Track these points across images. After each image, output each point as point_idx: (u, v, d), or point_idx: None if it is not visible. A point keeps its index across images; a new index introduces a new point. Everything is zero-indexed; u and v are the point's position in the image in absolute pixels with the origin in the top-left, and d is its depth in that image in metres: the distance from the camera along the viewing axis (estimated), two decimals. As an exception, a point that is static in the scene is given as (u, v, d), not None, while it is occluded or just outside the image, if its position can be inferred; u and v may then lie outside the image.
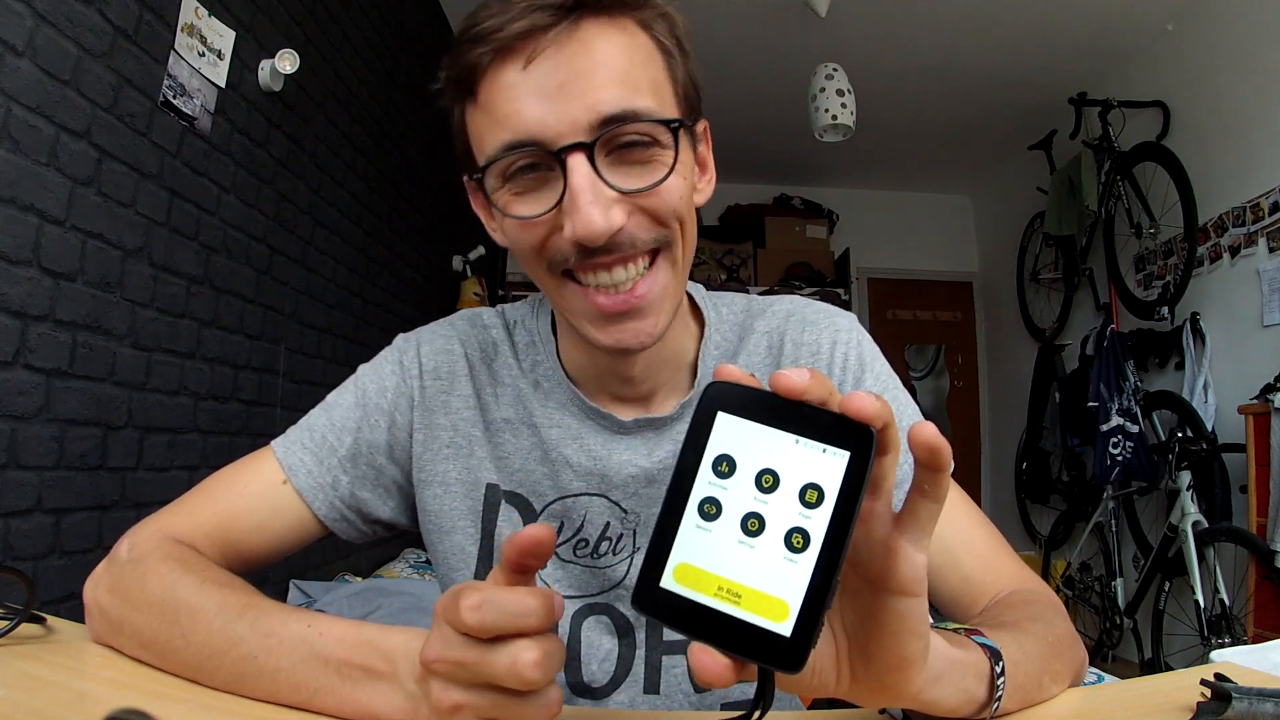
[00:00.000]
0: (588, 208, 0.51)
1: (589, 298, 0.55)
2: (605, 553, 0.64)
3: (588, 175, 0.51)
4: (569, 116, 0.51)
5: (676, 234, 0.56)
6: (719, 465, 0.32)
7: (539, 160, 0.53)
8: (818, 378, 0.31)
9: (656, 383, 0.65)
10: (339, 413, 0.67)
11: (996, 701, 0.42)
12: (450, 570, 0.66)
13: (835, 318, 0.70)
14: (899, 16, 3.23)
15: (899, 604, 0.34)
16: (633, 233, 0.54)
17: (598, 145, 0.51)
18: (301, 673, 0.44)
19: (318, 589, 2.16)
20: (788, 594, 0.30)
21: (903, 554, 0.33)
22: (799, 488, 0.30)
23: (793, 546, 0.30)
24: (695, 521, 0.32)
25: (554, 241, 0.54)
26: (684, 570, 0.31)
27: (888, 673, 0.35)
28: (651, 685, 0.63)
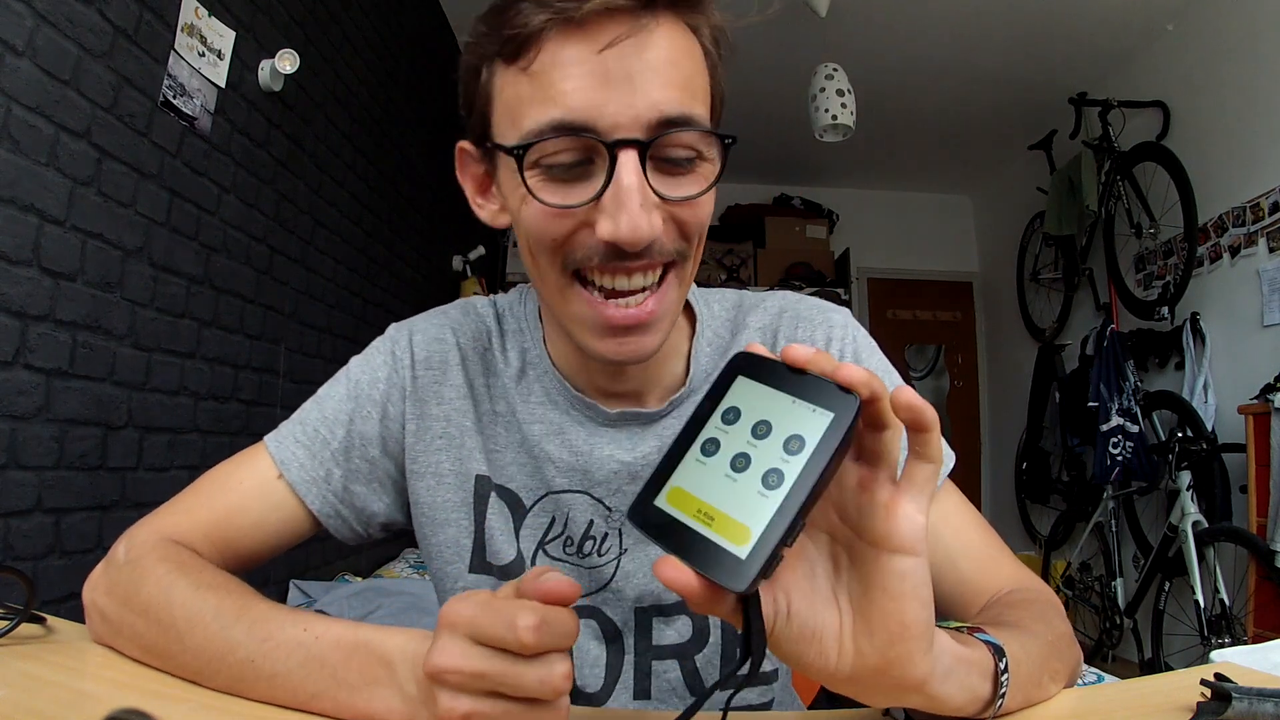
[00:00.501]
0: (636, 209, 0.49)
1: (597, 308, 0.53)
2: (590, 552, 0.63)
3: (638, 174, 0.49)
4: (631, 110, 0.49)
5: (693, 249, 0.56)
6: (727, 414, 0.37)
7: (584, 154, 0.51)
8: (822, 354, 0.35)
9: (646, 379, 0.64)
10: (331, 405, 0.66)
11: (1000, 699, 0.41)
12: (444, 564, 0.65)
13: (829, 313, 0.69)
14: (899, 16, 3.23)
15: (900, 563, 0.35)
16: (661, 241, 0.52)
17: (652, 146, 0.50)
18: (299, 677, 0.44)
19: (318, 589, 2.16)
20: (753, 521, 0.33)
21: (902, 511, 0.35)
22: (785, 436, 0.34)
23: (768, 484, 0.34)
24: (696, 455, 0.37)
25: (580, 237, 0.52)
26: (675, 493, 0.36)
27: (890, 644, 0.35)
28: (642, 691, 0.63)
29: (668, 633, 0.63)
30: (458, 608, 0.39)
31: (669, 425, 0.63)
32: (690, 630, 0.63)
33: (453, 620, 0.38)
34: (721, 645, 0.63)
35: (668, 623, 0.63)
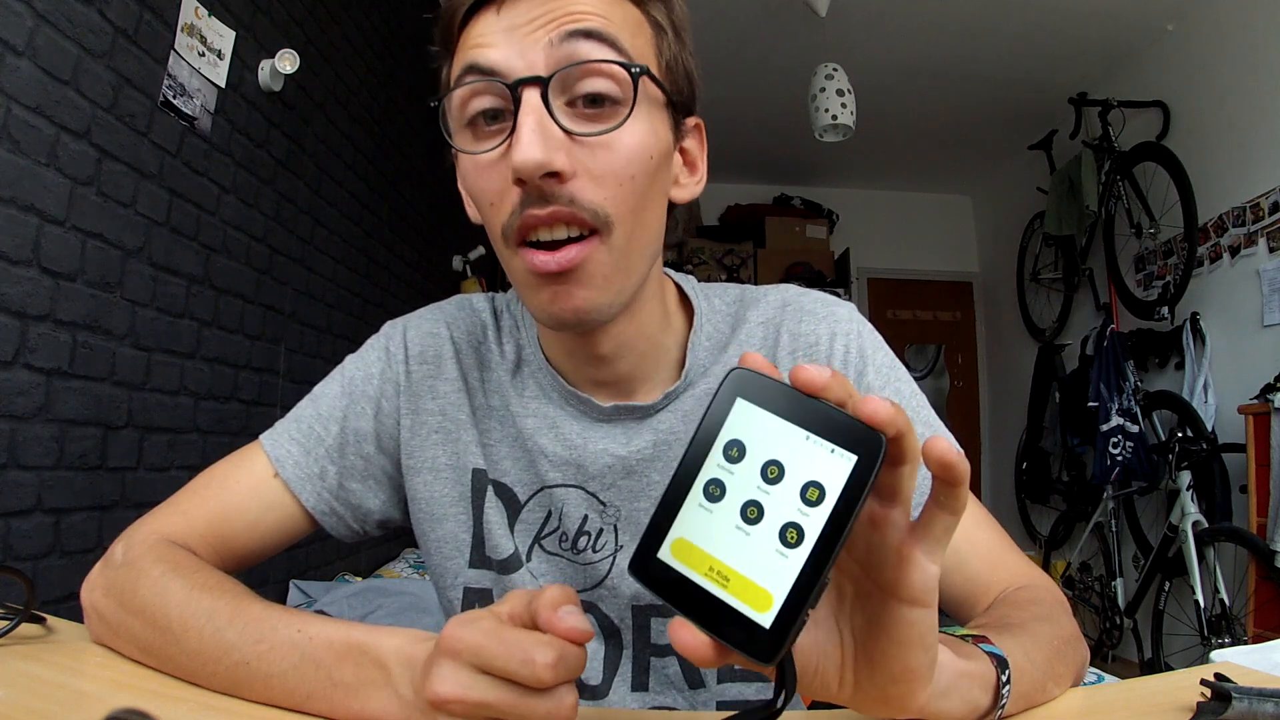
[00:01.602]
0: (529, 135, 0.48)
1: (526, 257, 0.52)
2: (585, 548, 0.63)
3: (537, 107, 0.49)
4: (532, 48, 0.50)
5: (621, 213, 0.52)
6: (730, 450, 0.32)
7: (501, 104, 0.51)
8: (839, 378, 0.32)
9: (637, 371, 0.63)
10: (325, 402, 0.66)
11: (1000, 709, 0.41)
12: (443, 559, 0.65)
13: (834, 307, 0.67)
14: (899, 16, 3.23)
15: (908, 613, 0.33)
16: (573, 192, 0.50)
17: (555, 80, 0.50)
18: (294, 679, 0.44)
19: (318, 589, 2.16)
20: (774, 586, 0.30)
21: (915, 563, 0.33)
22: (801, 484, 0.31)
23: (786, 541, 0.30)
24: (699, 500, 0.33)
25: (505, 191, 0.52)
26: (680, 545, 0.32)
27: (891, 683, 0.35)
28: (640, 684, 0.63)
29: (667, 632, 0.63)
30: (460, 634, 0.37)
31: (664, 420, 0.63)
32: None
33: (456, 648, 0.37)
34: None
35: (667, 623, 0.63)
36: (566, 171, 0.50)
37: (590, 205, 0.51)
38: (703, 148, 0.63)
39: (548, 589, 0.38)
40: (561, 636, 0.36)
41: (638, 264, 0.56)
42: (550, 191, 0.50)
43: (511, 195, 0.51)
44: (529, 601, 0.38)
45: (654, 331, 0.62)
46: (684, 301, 0.67)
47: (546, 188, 0.50)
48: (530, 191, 0.50)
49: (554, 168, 0.49)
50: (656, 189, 0.56)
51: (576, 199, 0.50)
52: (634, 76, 0.51)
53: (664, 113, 0.55)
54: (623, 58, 0.51)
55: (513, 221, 0.51)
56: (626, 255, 0.54)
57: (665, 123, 0.56)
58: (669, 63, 0.56)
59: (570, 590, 0.39)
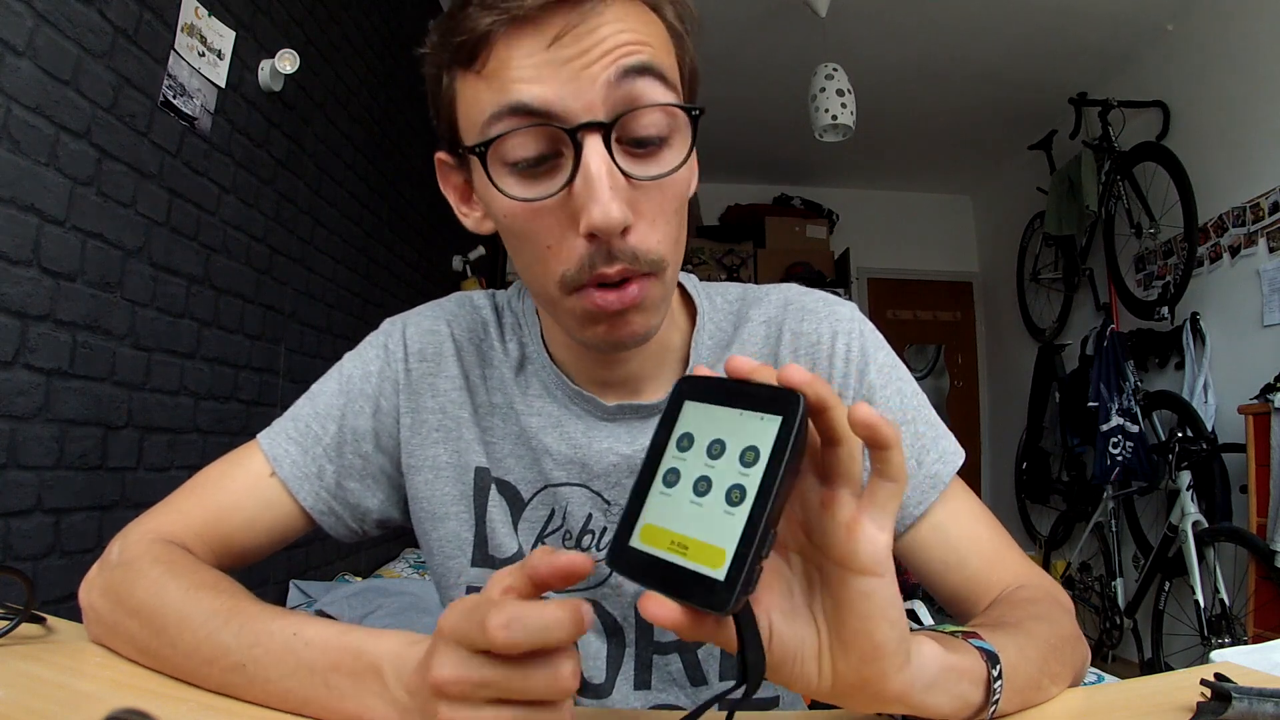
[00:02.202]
0: (607, 195, 0.47)
1: (592, 298, 0.52)
2: (589, 546, 0.62)
3: (604, 158, 0.48)
4: (586, 86, 0.48)
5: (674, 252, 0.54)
6: (681, 441, 0.36)
7: (549, 146, 0.49)
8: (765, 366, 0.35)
9: (643, 372, 0.63)
10: (323, 400, 0.65)
11: (993, 706, 0.41)
12: (445, 559, 0.65)
13: (835, 307, 0.67)
14: (899, 16, 3.23)
15: (863, 584, 0.35)
16: (634, 245, 0.50)
17: (615, 126, 0.48)
18: (290, 683, 0.44)
19: (318, 589, 2.16)
20: (724, 541, 0.33)
21: (863, 532, 0.34)
22: (739, 450, 0.34)
23: (731, 500, 0.33)
24: (660, 489, 0.36)
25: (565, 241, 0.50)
26: (648, 530, 0.36)
27: (864, 663, 0.35)
28: (643, 682, 0.63)
29: (670, 631, 0.63)
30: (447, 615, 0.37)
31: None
32: None
33: (444, 629, 0.37)
34: None
35: None
36: (632, 224, 0.50)
37: (649, 255, 0.51)
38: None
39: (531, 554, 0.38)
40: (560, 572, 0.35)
41: (676, 281, 0.58)
42: (618, 249, 0.50)
43: (575, 246, 0.50)
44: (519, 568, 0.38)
45: (662, 335, 0.62)
46: (686, 300, 0.67)
47: (615, 243, 0.50)
48: (599, 246, 0.50)
49: (627, 224, 0.49)
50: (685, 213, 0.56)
51: (639, 253, 0.51)
52: (694, 120, 0.52)
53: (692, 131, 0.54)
54: (671, 90, 0.51)
55: (580, 276, 0.51)
56: (673, 282, 0.57)
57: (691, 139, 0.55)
58: (688, 68, 0.56)
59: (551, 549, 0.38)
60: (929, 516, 0.62)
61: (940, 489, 0.62)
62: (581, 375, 0.63)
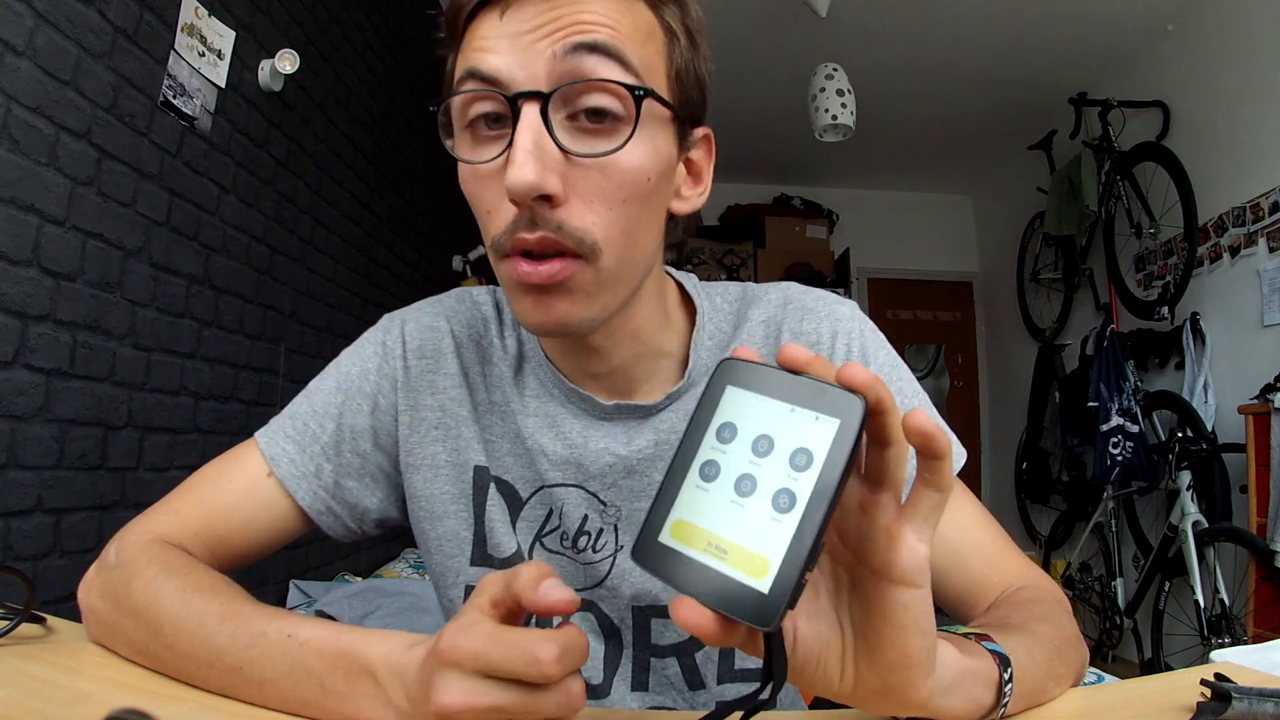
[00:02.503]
0: (523, 156, 0.47)
1: (513, 265, 0.51)
2: (585, 547, 0.62)
3: (535, 125, 0.48)
4: (535, 59, 0.48)
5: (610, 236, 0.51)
6: (722, 432, 0.34)
7: (501, 109, 0.50)
8: (821, 358, 0.33)
9: (635, 369, 0.62)
10: (320, 398, 0.65)
11: (1002, 708, 0.41)
12: (445, 557, 0.64)
13: (835, 305, 0.67)
14: (899, 16, 3.23)
15: (901, 595, 0.34)
16: (562, 219, 0.49)
17: (554, 97, 0.48)
18: (285, 686, 0.44)
19: (318, 589, 2.16)
20: (770, 551, 0.31)
21: (904, 542, 0.33)
22: (790, 451, 0.32)
23: (779, 506, 0.31)
24: (695, 482, 0.33)
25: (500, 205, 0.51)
26: (680, 526, 0.33)
27: (891, 671, 0.34)
28: (640, 684, 0.62)
29: (667, 633, 0.63)
30: (458, 641, 0.36)
31: (666, 419, 0.62)
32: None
33: (456, 657, 0.36)
34: None
35: (667, 624, 0.63)
36: (558, 195, 0.49)
37: (576, 233, 0.50)
38: (710, 158, 0.61)
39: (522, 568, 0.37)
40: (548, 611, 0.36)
41: (628, 279, 0.55)
42: (540, 215, 0.49)
43: (507, 210, 0.50)
44: (506, 584, 0.38)
45: (652, 330, 0.62)
46: (685, 301, 0.67)
47: (538, 210, 0.49)
48: (522, 212, 0.49)
49: (545, 191, 0.48)
50: (652, 208, 0.54)
51: (564, 226, 0.49)
52: (637, 99, 0.50)
53: (669, 128, 0.54)
54: (629, 73, 0.50)
55: (504, 240, 0.51)
56: (615, 275, 0.53)
57: (669, 138, 0.54)
58: (680, 71, 0.54)
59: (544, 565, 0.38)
60: None
61: None
62: (574, 372, 0.63)
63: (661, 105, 0.52)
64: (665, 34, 0.53)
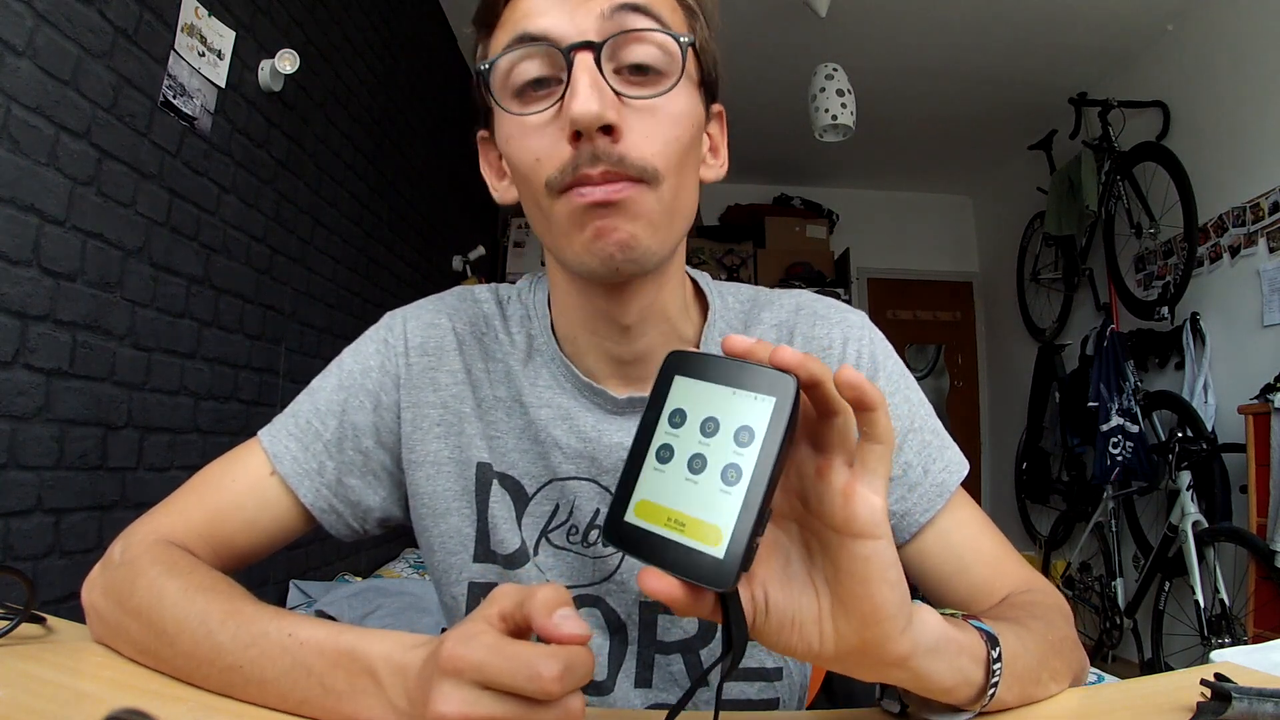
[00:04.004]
0: (586, 90, 0.50)
1: (572, 198, 0.52)
2: (595, 541, 0.62)
3: (590, 67, 0.51)
4: (583, 17, 0.52)
5: (669, 167, 0.53)
6: (674, 417, 0.37)
7: (549, 71, 0.53)
8: (761, 344, 0.36)
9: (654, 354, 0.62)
10: (322, 396, 0.65)
11: (993, 688, 0.42)
12: (447, 555, 0.64)
13: (847, 314, 0.68)
14: (899, 16, 3.23)
15: (863, 548, 0.35)
16: (623, 151, 0.51)
17: (606, 47, 0.51)
18: (286, 685, 0.44)
19: (318, 589, 2.16)
20: (721, 520, 0.34)
21: (858, 497, 0.35)
22: (734, 430, 0.35)
23: (727, 479, 0.34)
24: (653, 465, 0.37)
25: (555, 150, 0.52)
26: (643, 505, 0.36)
27: (865, 626, 0.36)
28: (644, 680, 0.63)
29: (673, 630, 0.63)
30: (460, 651, 0.36)
31: None
32: (696, 626, 0.63)
33: (457, 666, 0.36)
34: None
35: (673, 620, 0.63)
36: (620, 127, 0.51)
37: (639, 162, 0.52)
38: (724, 133, 0.65)
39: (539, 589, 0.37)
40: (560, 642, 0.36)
41: (679, 222, 0.57)
42: (602, 150, 0.51)
43: (562, 152, 0.52)
44: (520, 601, 0.38)
45: (675, 313, 0.63)
46: (699, 296, 0.68)
47: (600, 145, 0.51)
48: (584, 148, 0.51)
49: (609, 120, 0.50)
50: (693, 159, 0.57)
51: (626, 158, 0.51)
52: (682, 47, 0.54)
53: (698, 91, 0.57)
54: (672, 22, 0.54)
55: (562, 177, 0.52)
56: (671, 208, 0.55)
57: (699, 100, 0.58)
58: (702, 45, 0.58)
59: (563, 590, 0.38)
60: (935, 524, 0.62)
61: (946, 497, 0.63)
62: (592, 359, 0.63)
63: (695, 63, 0.56)
64: (685, 12, 0.57)
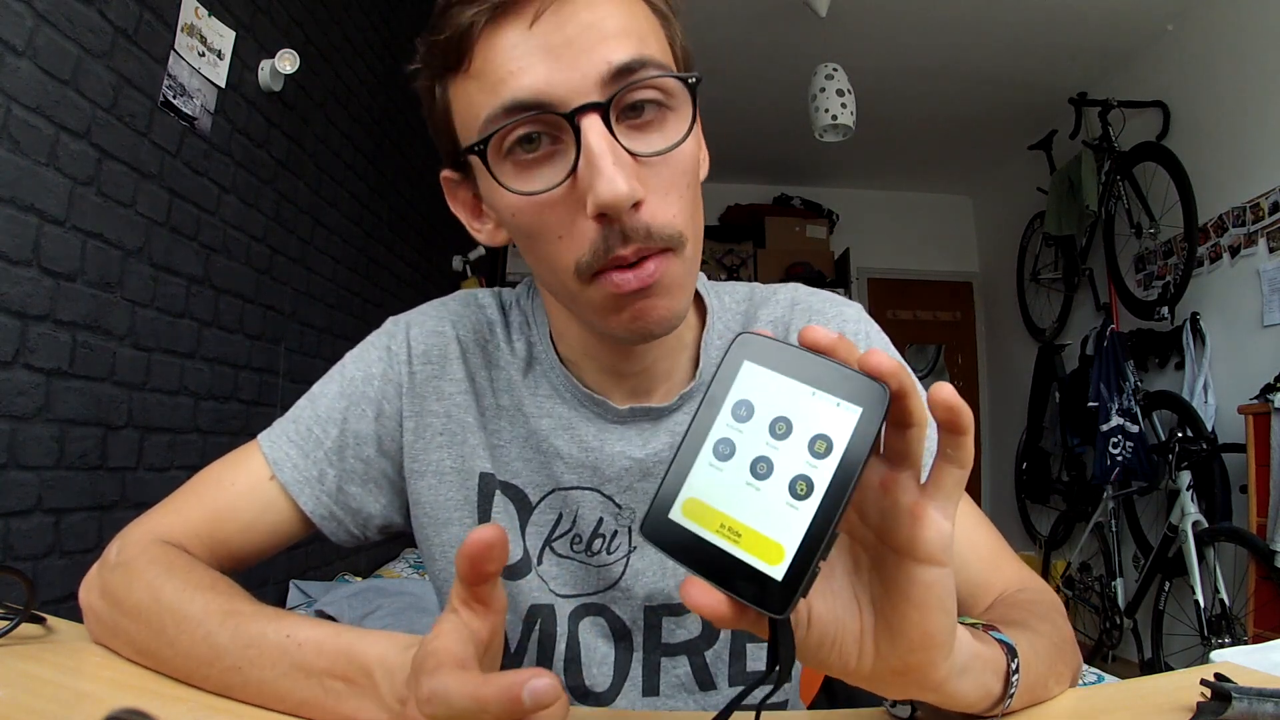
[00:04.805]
0: (610, 170, 0.46)
1: (609, 280, 0.50)
2: (599, 550, 0.62)
3: (604, 136, 0.47)
4: (578, 72, 0.47)
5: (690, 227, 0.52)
6: (738, 409, 0.33)
7: (543, 129, 0.48)
8: (845, 340, 0.33)
9: (657, 366, 0.62)
10: (324, 403, 0.64)
11: (1009, 699, 0.41)
12: (448, 564, 0.64)
13: (842, 307, 0.68)
14: (899, 16, 3.23)
15: (926, 573, 0.33)
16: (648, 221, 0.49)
17: (612, 105, 0.47)
18: (285, 685, 0.44)
19: (318, 589, 2.16)
20: (785, 538, 0.30)
21: (929, 520, 0.33)
22: (809, 437, 0.31)
23: (796, 493, 0.31)
24: (709, 460, 0.33)
25: (576, 228, 0.49)
26: (692, 505, 0.33)
27: (912, 652, 0.34)
28: (650, 688, 0.62)
29: (679, 631, 0.63)
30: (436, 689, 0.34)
31: (679, 420, 0.62)
32: (700, 627, 0.63)
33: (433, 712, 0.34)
34: (731, 640, 0.63)
35: (679, 622, 0.63)
36: (643, 198, 0.48)
37: (664, 230, 0.50)
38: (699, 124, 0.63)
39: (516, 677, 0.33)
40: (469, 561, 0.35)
41: (697, 268, 0.56)
42: (629, 225, 0.48)
43: (586, 230, 0.49)
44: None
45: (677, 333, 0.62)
46: (697, 299, 0.67)
47: (628, 222, 0.48)
48: (611, 225, 0.48)
49: (638, 198, 0.48)
50: (699, 189, 0.55)
51: (653, 229, 0.49)
52: (691, 89, 0.51)
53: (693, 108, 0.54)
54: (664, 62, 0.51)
55: (594, 261, 0.49)
56: (693, 260, 0.54)
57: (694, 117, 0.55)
58: (679, 47, 0.55)
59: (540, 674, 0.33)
60: None
61: None
62: (591, 376, 0.62)
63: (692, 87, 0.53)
64: (658, 16, 0.54)
